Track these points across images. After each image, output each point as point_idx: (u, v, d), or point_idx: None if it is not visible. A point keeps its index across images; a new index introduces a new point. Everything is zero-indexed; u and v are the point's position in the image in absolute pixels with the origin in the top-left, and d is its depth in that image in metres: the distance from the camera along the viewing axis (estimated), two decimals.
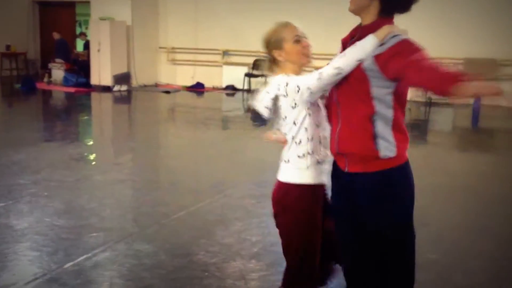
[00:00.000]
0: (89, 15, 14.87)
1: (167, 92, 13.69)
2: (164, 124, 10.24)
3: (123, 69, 14.11)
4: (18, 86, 13.65)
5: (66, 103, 12.69)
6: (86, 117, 11.01)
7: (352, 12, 2.23)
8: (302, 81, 2.37)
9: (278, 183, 2.58)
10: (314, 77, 2.28)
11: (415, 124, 9.89)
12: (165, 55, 15.11)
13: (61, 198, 5.09)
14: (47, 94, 13.52)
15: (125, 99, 13.31)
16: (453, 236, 4.38)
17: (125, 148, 7.96)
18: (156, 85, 14.87)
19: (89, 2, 14.65)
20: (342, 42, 2.31)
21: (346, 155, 2.24)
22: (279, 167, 2.59)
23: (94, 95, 13.31)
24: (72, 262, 3.66)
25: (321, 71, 2.25)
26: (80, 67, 14.60)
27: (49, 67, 15.08)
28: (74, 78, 14.25)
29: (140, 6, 14.44)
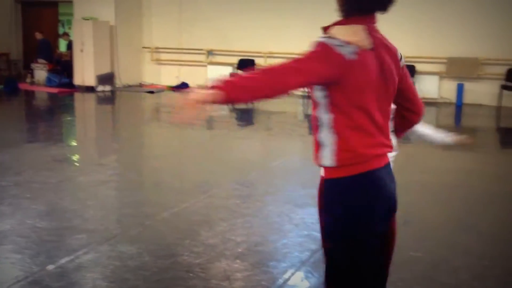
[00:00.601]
0: (72, 15, 14.72)
1: (151, 92, 13.63)
2: (148, 125, 10.19)
3: (107, 69, 14.01)
4: (1, 87, 13.49)
5: (49, 104, 12.58)
6: (70, 118, 10.92)
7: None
8: None
9: None
10: None
11: None
12: (149, 55, 15.03)
13: (44, 200, 5.04)
14: (30, 95, 13.40)
15: (109, 100, 13.23)
16: (437, 234, 4.41)
17: (109, 149, 7.91)
18: (141, 85, 14.79)
19: (72, 2, 14.50)
20: None
21: None
22: None
23: (78, 96, 13.21)
24: (55, 265, 3.62)
25: None
26: (63, 68, 14.49)
27: (32, 68, 14.95)
28: (57, 79, 14.12)
29: (124, 6, 14.34)
